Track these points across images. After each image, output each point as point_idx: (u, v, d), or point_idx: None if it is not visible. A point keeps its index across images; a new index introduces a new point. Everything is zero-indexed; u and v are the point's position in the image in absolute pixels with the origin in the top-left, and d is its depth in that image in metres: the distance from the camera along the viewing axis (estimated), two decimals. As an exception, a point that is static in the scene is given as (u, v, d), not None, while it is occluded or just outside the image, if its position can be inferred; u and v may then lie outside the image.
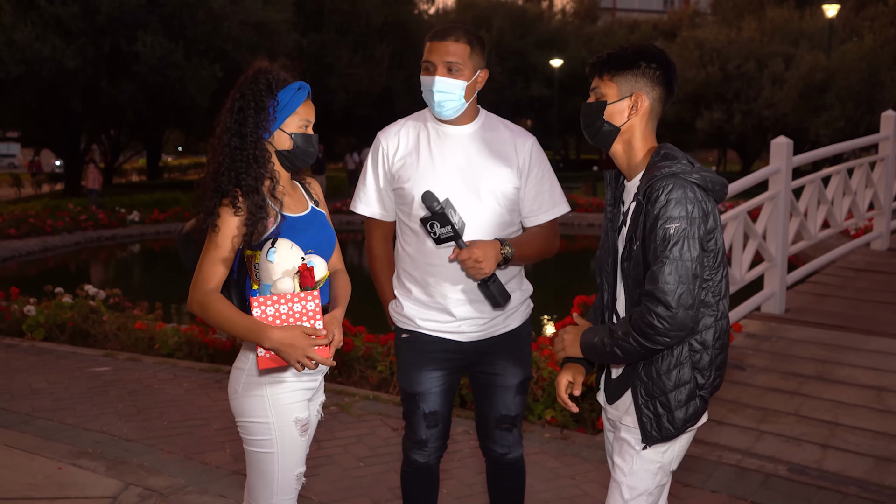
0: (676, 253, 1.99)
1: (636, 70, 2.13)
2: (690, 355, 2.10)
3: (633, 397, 2.16)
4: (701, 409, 2.15)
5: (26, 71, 18.63)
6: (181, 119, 24.33)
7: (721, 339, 2.14)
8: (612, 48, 2.20)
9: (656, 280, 1.99)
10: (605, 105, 2.16)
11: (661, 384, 2.11)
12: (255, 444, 2.34)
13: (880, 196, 8.04)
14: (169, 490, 3.83)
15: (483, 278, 2.48)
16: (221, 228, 2.24)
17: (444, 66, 2.59)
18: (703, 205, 2.04)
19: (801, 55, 27.90)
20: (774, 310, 6.30)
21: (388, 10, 29.79)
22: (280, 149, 2.33)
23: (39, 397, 5.22)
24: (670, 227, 1.99)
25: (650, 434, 2.14)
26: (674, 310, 1.98)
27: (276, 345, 2.15)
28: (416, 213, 2.65)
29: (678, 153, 2.11)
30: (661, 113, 2.19)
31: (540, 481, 3.92)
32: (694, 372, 2.11)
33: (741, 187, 5.67)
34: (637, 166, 2.17)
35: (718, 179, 2.11)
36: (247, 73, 2.34)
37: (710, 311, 2.10)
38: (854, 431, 4.46)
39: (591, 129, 2.21)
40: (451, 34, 2.61)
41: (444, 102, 2.60)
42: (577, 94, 36.14)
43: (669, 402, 2.11)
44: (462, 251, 2.45)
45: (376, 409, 4.97)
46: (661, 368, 2.10)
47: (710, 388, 2.15)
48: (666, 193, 2.01)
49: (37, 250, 15.55)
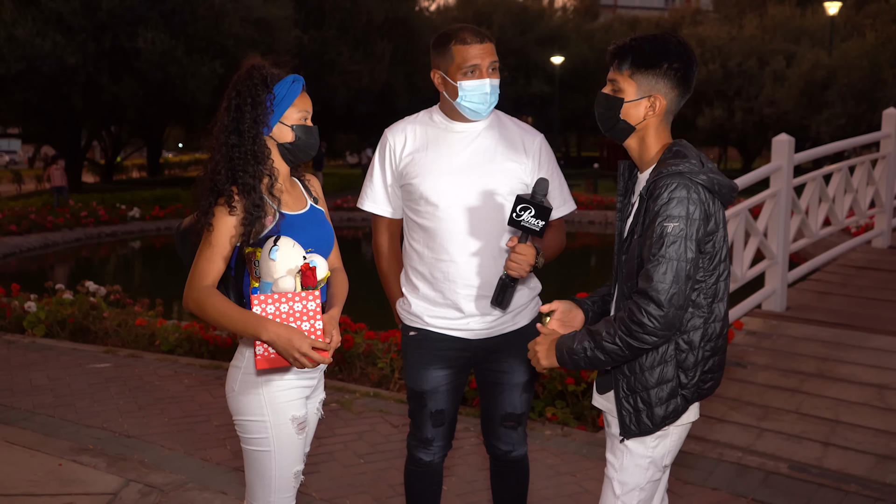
0: (672, 253, 1.97)
1: (657, 70, 2.09)
2: (676, 354, 2.09)
3: (615, 390, 2.16)
4: (682, 408, 2.13)
5: (27, 67, 18.64)
6: (182, 115, 24.34)
7: (712, 341, 2.11)
8: (635, 37, 2.14)
9: (650, 278, 1.97)
10: (623, 103, 2.12)
11: (643, 380, 2.10)
12: (252, 443, 2.34)
13: (881, 194, 8.03)
14: (169, 486, 3.83)
15: (514, 277, 2.45)
16: (217, 227, 2.23)
17: (490, 67, 2.59)
18: (706, 206, 2.02)
19: (802, 53, 27.89)
20: (775, 307, 6.30)
21: (389, 6, 29.74)
22: (282, 142, 2.32)
23: (40, 394, 5.22)
24: (668, 225, 1.97)
25: (628, 428, 2.14)
26: (665, 309, 1.96)
27: (274, 338, 2.13)
28: (423, 210, 2.65)
29: (690, 151, 2.09)
30: (678, 109, 2.17)
31: (541, 478, 3.92)
32: (678, 371, 2.10)
33: (742, 185, 5.63)
34: (650, 160, 2.15)
35: (727, 182, 2.08)
36: (240, 70, 2.32)
37: (700, 312, 2.08)
38: (855, 429, 4.46)
39: (606, 122, 2.18)
40: (483, 35, 2.61)
41: (494, 102, 2.62)
42: (578, 92, 36.15)
43: (650, 399, 2.10)
44: (523, 245, 2.40)
45: (377, 406, 4.97)
46: (644, 364, 2.09)
47: (694, 389, 2.13)
48: (669, 192, 1.99)
49: (37, 247, 15.57)
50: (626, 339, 2.00)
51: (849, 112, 24.69)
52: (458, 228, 2.63)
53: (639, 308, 1.98)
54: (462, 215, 2.63)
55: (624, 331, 2.00)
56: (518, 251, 2.40)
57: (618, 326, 2.01)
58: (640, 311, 1.98)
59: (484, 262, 2.64)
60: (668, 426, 2.15)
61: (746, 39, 30.36)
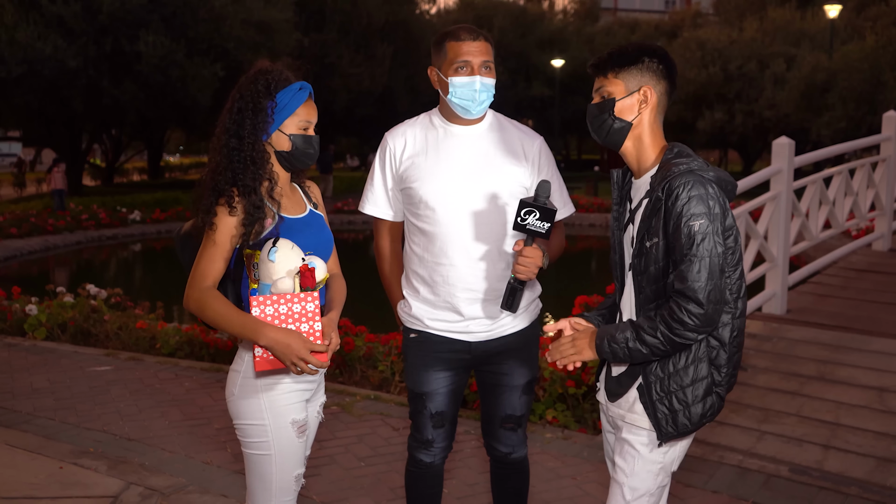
0: (703, 250, 2.00)
1: (640, 65, 2.14)
2: (708, 352, 2.12)
3: (646, 394, 2.15)
4: (718, 405, 2.16)
5: (28, 70, 18.63)
6: (183, 118, 24.35)
7: (738, 337, 2.15)
8: (610, 48, 2.21)
9: (685, 278, 2.00)
10: (615, 102, 2.15)
11: (678, 380, 2.11)
12: (253, 447, 2.34)
13: (882, 197, 8.03)
14: (170, 489, 3.83)
15: (522, 280, 2.46)
16: (218, 227, 2.23)
17: (482, 66, 2.60)
18: (722, 201, 2.06)
19: (802, 55, 27.90)
20: (776, 310, 6.30)
21: (389, 9, 29.77)
22: (279, 150, 2.33)
23: (41, 397, 5.22)
24: (694, 224, 2.00)
25: (665, 430, 2.14)
26: (705, 307, 1.99)
27: (272, 343, 2.14)
28: (423, 213, 2.66)
29: (691, 152, 2.13)
30: (667, 107, 2.19)
31: (541, 481, 3.92)
32: (711, 368, 2.13)
33: (743, 188, 5.65)
34: (648, 164, 2.17)
35: (729, 178, 2.13)
36: (248, 72, 2.34)
37: (728, 308, 2.11)
38: (855, 432, 4.46)
39: (601, 128, 2.19)
40: (478, 33, 2.62)
41: (485, 102, 2.62)
42: (579, 95, 36.17)
43: (687, 398, 2.12)
44: (530, 248, 2.41)
45: (377, 409, 4.97)
46: (678, 364, 2.11)
47: (727, 386, 2.16)
48: (687, 191, 2.01)
49: (38, 249, 15.56)
50: (667, 334, 2.03)
51: (849, 115, 24.69)
52: (458, 232, 2.63)
53: (679, 307, 2.01)
54: (461, 219, 2.63)
55: (665, 327, 2.03)
56: (525, 254, 2.40)
57: (659, 322, 2.04)
58: (680, 311, 2.01)
59: (483, 266, 2.64)
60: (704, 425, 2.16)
61: (747, 42, 30.37)
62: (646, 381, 2.16)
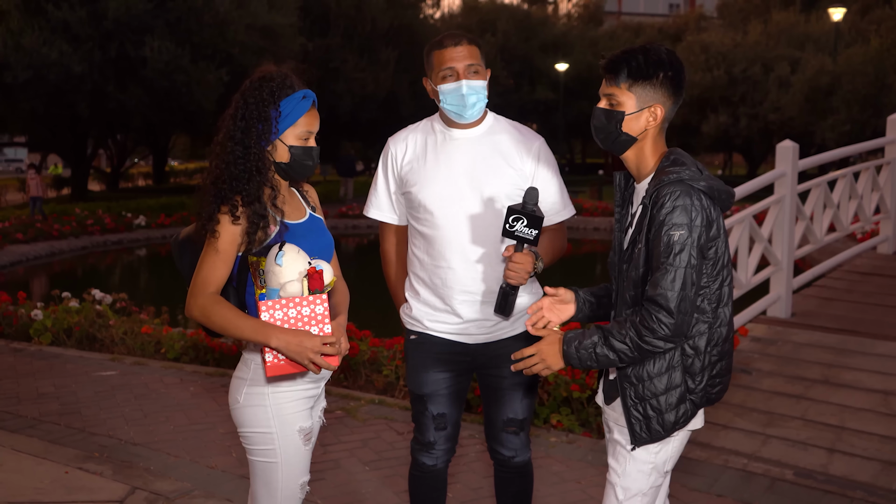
0: (680, 261, 2.01)
1: (654, 81, 2.12)
2: (682, 360, 2.13)
3: (623, 399, 2.18)
4: (691, 412, 2.17)
5: (33, 75, 18.69)
6: (188, 123, 24.37)
7: (718, 345, 2.15)
8: (625, 49, 2.16)
9: (658, 286, 2.02)
10: (624, 116, 2.14)
11: (651, 387, 2.13)
12: (259, 454, 2.32)
13: (887, 200, 8.02)
14: (175, 494, 3.83)
15: (514, 285, 2.48)
16: (221, 234, 2.21)
17: (467, 70, 2.61)
18: (708, 213, 2.06)
19: (806, 59, 27.88)
20: (780, 313, 6.29)
21: (393, 14, 29.83)
22: (278, 161, 2.29)
23: (46, 401, 5.23)
24: (674, 234, 2.01)
25: (639, 435, 2.17)
26: (675, 316, 2.01)
27: (284, 344, 2.12)
28: (422, 217, 2.67)
29: (687, 159, 2.13)
30: (672, 116, 2.20)
31: (546, 485, 3.92)
32: (685, 376, 2.13)
33: (747, 191, 5.67)
34: (647, 170, 2.18)
35: (725, 189, 2.12)
36: (252, 77, 2.29)
37: (705, 317, 2.11)
38: (860, 435, 4.45)
39: (606, 137, 2.19)
40: (461, 39, 2.63)
41: (476, 104, 2.62)
42: (583, 98, 36.18)
43: (660, 405, 2.13)
44: (520, 253, 2.43)
45: (382, 413, 4.98)
46: (652, 371, 2.13)
47: (702, 394, 2.16)
48: (672, 200, 2.02)
49: (44, 255, 15.60)
50: (636, 340, 2.05)
51: (853, 118, 24.67)
52: (456, 235, 2.65)
53: (650, 314, 2.03)
54: (459, 222, 2.65)
55: (635, 333, 2.04)
56: (515, 260, 2.43)
57: (629, 328, 2.05)
58: (650, 318, 2.02)
59: (482, 269, 2.66)
60: (678, 431, 2.17)
61: (751, 46, 30.38)
62: (621, 386, 2.18)
